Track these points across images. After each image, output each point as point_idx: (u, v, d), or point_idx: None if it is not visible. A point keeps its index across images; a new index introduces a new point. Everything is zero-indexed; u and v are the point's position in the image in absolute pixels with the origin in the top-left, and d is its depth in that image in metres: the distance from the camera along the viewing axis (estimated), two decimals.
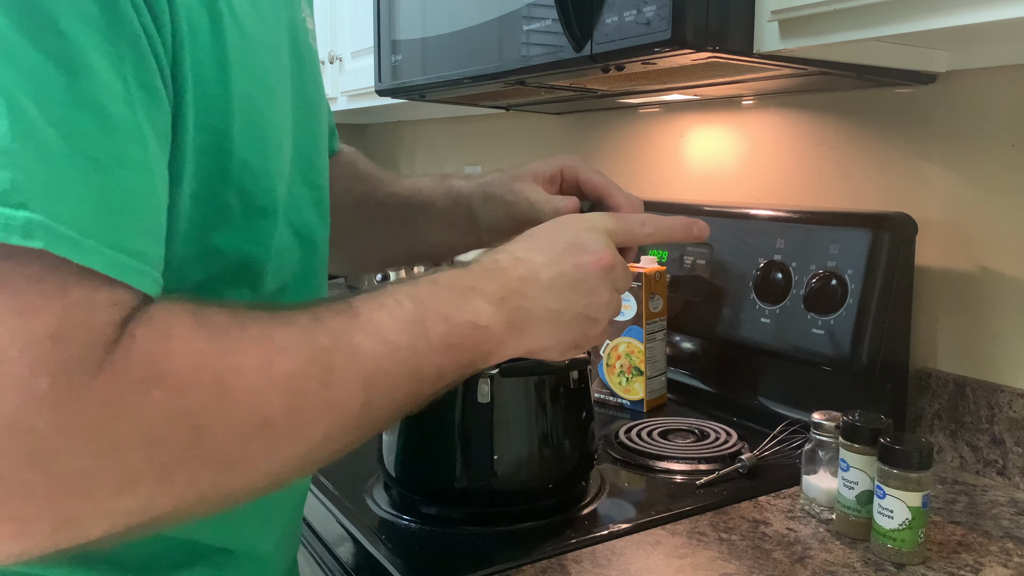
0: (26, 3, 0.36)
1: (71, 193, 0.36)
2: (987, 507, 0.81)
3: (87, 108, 0.37)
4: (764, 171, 1.19)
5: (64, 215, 0.35)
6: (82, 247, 0.36)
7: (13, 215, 0.34)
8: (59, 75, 0.36)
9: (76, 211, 0.36)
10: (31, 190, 0.35)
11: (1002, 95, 0.90)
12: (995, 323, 0.92)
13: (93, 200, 0.37)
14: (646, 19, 0.77)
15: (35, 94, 0.36)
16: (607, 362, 1.13)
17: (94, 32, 0.38)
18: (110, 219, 0.38)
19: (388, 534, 0.74)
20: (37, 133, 0.35)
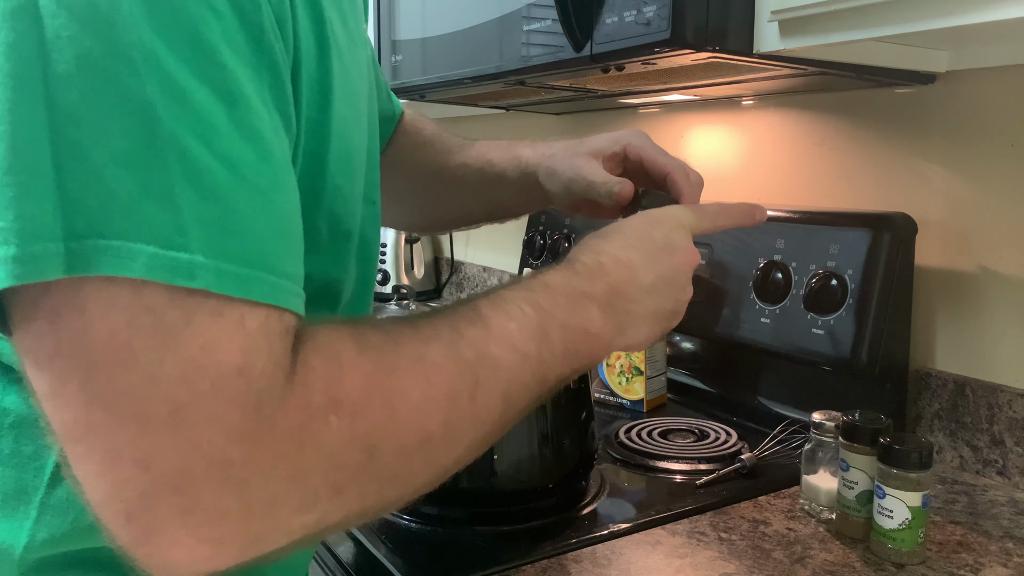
0: (188, 35, 0.36)
1: (235, 226, 0.36)
2: (987, 507, 0.81)
3: (248, 138, 0.37)
4: (764, 171, 1.19)
5: (229, 251, 0.36)
6: (247, 281, 0.37)
7: (177, 258, 0.34)
8: (221, 107, 0.36)
9: (241, 244, 0.37)
10: (193, 231, 0.35)
11: (1002, 95, 0.90)
12: (995, 323, 0.92)
13: (258, 229, 0.37)
14: (646, 19, 0.77)
15: (200, 128, 0.35)
16: (607, 362, 1.13)
17: (245, 62, 0.38)
18: (273, 246, 0.38)
19: (388, 534, 0.74)
20: (202, 170, 0.35)
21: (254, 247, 0.37)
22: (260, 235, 0.37)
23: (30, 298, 0.34)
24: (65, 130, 0.33)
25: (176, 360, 0.34)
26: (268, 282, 0.37)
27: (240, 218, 0.36)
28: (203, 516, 0.35)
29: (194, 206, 0.35)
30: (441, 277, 2.01)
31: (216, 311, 0.36)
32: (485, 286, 1.83)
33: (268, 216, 0.38)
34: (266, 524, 0.37)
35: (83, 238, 0.33)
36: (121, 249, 0.34)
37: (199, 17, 0.36)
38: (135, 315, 0.34)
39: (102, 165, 0.34)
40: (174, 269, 0.34)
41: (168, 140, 0.34)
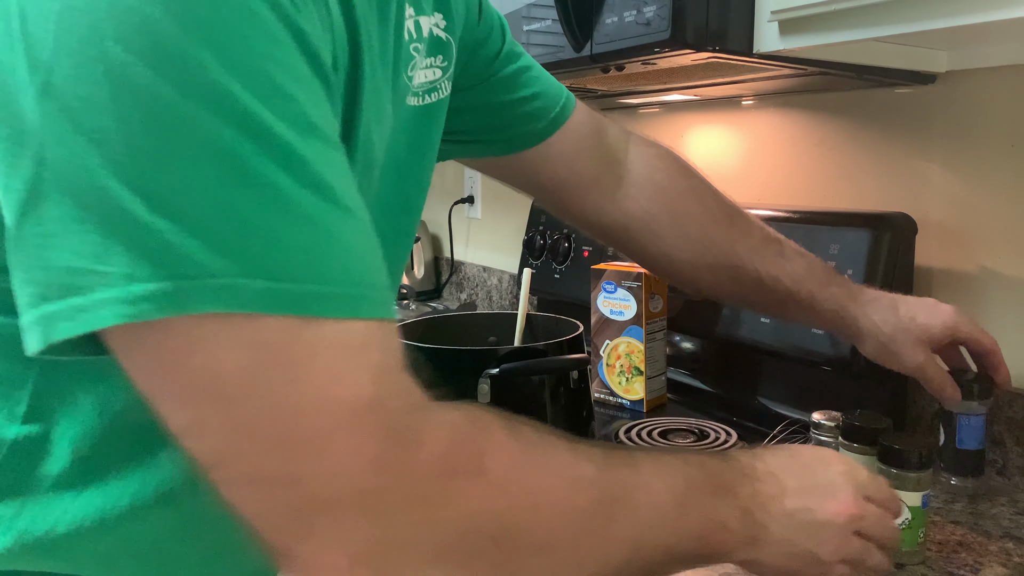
0: (257, 71, 0.36)
1: (335, 249, 0.37)
2: (987, 507, 0.81)
3: (324, 163, 0.38)
4: (764, 171, 1.19)
5: (333, 274, 0.37)
6: (357, 299, 0.37)
7: (287, 290, 0.35)
8: (297, 137, 0.37)
9: (343, 265, 0.37)
10: (298, 261, 0.36)
11: (1002, 95, 0.90)
12: (995, 323, 0.92)
13: (354, 248, 0.38)
14: (646, 19, 0.77)
15: (284, 161, 0.36)
16: (607, 362, 1.13)
17: (308, 90, 0.38)
18: (369, 262, 0.39)
19: None
20: (294, 200, 0.36)
21: (355, 266, 0.38)
22: (358, 254, 0.38)
23: (149, 338, 0.35)
24: (153, 177, 0.34)
25: (310, 392, 0.36)
26: (372, 298, 0.38)
27: (337, 241, 0.37)
28: (347, 538, 0.37)
29: (293, 236, 0.36)
30: (441, 277, 2.01)
31: (336, 341, 0.37)
32: (485, 286, 1.83)
33: (360, 236, 0.39)
34: (398, 562, 0.39)
35: (193, 278, 0.34)
36: (232, 287, 0.34)
37: (264, 52, 0.36)
38: (260, 351, 0.35)
39: (197, 208, 0.34)
40: (287, 300, 0.35)
41: (257, 177, 0.35)
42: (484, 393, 0.72)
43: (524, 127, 0.75)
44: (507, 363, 0.72)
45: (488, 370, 0.72)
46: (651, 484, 0.48)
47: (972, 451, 0.83)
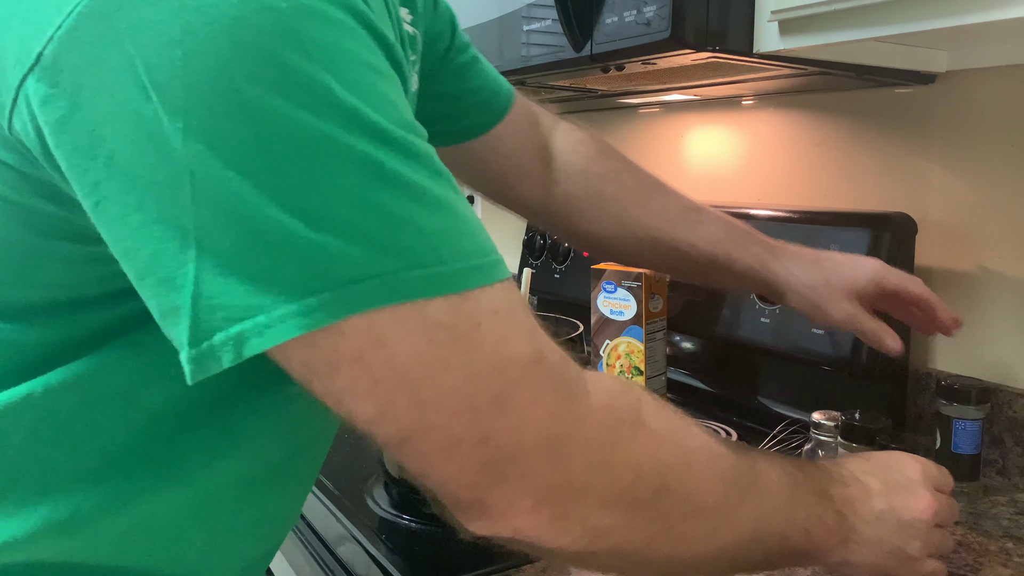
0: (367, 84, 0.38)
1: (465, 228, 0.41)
2: (987, 507, 0.81)
3: (432, 154, 0.41)
4: (764, 171, 1.19)
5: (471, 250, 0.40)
6: (493, 265, 0.41)
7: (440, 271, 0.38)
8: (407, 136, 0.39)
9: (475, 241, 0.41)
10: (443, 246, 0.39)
11: (1002, 95, 0.90)
12: (995, 323, 0.92)
13: (475, 224, 0.42)
14: (646, 19, 0.77)
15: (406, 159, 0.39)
16: (607, 362, 1.13)
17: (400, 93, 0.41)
18: (484, 232, 0.42)
19: (388, 534, 0.74)
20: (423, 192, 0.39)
21: (481, 238, 0.41)
22: (478, 227, 0.42)
23: (326, 344, 0.38)
24: (307, 196, 0.36)
25: (483, 358, 0.39)
26: (499, 262, 0.42)
27: (463, 219, 0.41)
28: (533, 483, 0.41)
29: (433, 224, 0.39)
30: None
31: (490, 308, 0.40)
32: None
33: (470, 208, 0.42)
34: (576, 505, 0.42)
35: (360, 281, 0.37)
36: (395, 281, 0.37)
37: (367, 64, 0.39)
38: (431, 333, 0.38)
39: (349, 216, 0.37)
40: (441, 282, 0.38)
41: (392, 178, 0.38)
42: None
43: (472, 118, 0.79)
44: None
45: None
46: (768, 473, 0.51)
47: (968, 455, 0.83)
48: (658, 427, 0.45)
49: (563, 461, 0.41)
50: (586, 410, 0.42)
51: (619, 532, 0.44)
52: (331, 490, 0.84)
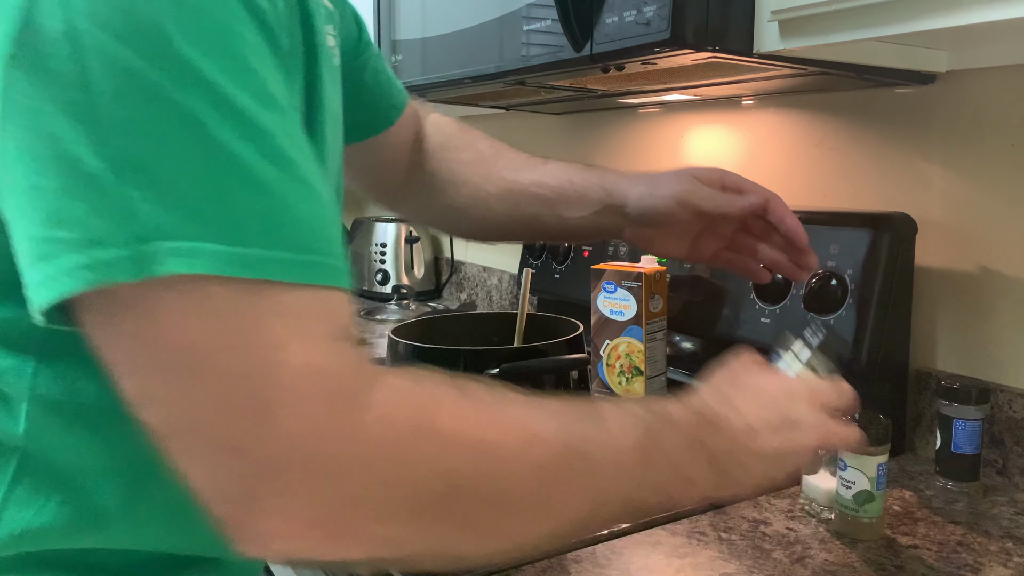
0: (221, 45, 0.37)
1: (290, 218, 0.38)
2: (987, 507, 0.81)
3: (285, 135, 0.39)
4: (764, 171, 1.19)
5: (288, 241, 0.38)
6: (308, 267, 0.38)
7: (244, 254, 0.36)
8: (259, 109, 0.38)
9: (297, 234, 0.39)
10: (254, 226, 0.37)
11: (1002, 95, 0.90)
12: (995, 323, 0.92)
13: (310, 219, 0.39)
14: (646, 19, 0.77)
15: (243, 130, 0.37)
16: (607, 362, 1.13)
17: (268, 65, 0.40)
18: (325, 232, 0.40)
19: None
20: (251, 169, 0.37)
21: (307, 235, 0.39)
22: (312, 224, 0.39)
23: (105, 305, 0.36)
24: (118, 144, 0.35)
25: (253, 360, 0.37)
26: (323, 265, 0.39)
27: (291, 210, 0.38)
28: (295, 502, 0.38)
29: (249, 203, 0.37)
30: (441, 277, 2.01)
31: (281, 310, 0.37)
32: (485, 286, 1.83)
33: (316, 206, 0.40)
34: (350, 522, 0.40)
35: (148, 240, 0.35)
36: (186, 249, 0.35)
37: (227, 27, 0.37)
38: (206, 319, 0.36)
39: (158, 173, 0.35)
40: (239, 263, 0.36)
41: (216, 144, 0.36)
42: None
43: (377, 112, 0.80)
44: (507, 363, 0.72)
45: (488, 370, 0.72)
46: (616, 439, 0.49)
47: (967, 455, 0.83)
48: (452, 428, 0.42)
49: (328, 481, 0.38)
50: (358, 427, 0.39)
51: (406, 540, 0.42)
52: None
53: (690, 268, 1.15)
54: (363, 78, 0.78)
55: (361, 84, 0.77)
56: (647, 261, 1.12)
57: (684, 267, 1.15)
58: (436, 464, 0.41)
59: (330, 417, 0.38)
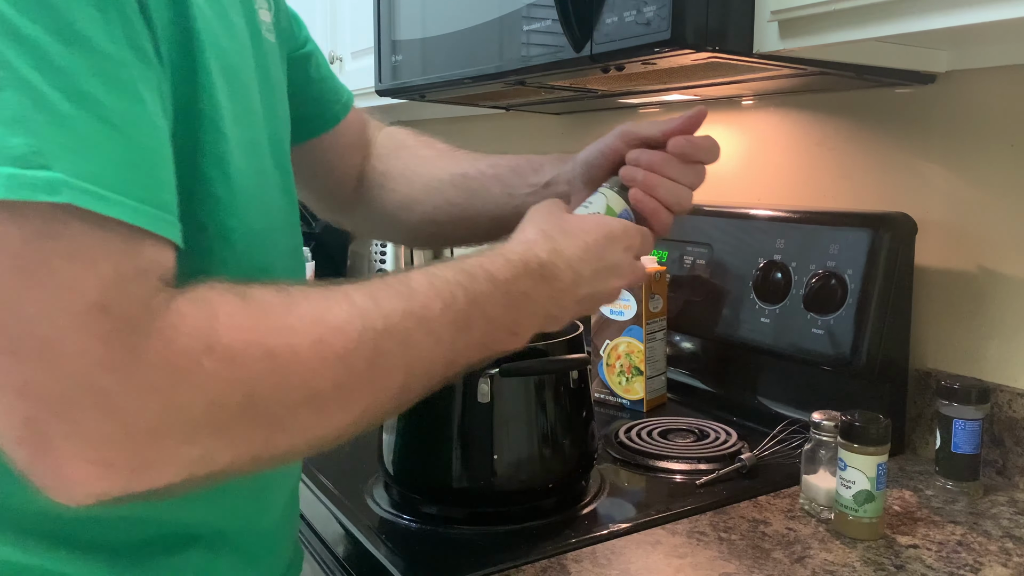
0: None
1: (89, 153, 0.39)
2: (987, 507, 0.81)
3: (90, 73, 0.39)
4: (764, 171, 1.19)
5: (86, 173, 0.38)
6: (108, 201, 0.39)
7: (36, 175, 0.37)
8: (59, 46, 0.39)
9: (97, 169, 0.39)
10: (51, 152, 0.37)
11: (1002, 95, 0.90)
12: (995, 323, 0.92)
13: (111, 157, 0.39)
14: (646, 19, 0.77)
15: (38, 66, 0.38)
16: (607, 362, 1.13)
17: (84, 3, 0.40)
18: (129, 174, 0.40)
19: (388, 534, 0.74)
20: (47, 101, 0.38)
21: (107, 175, 0.39)
22: (113, 163, 0.39)
23: None
24: None
25: (38, 300, 0.37)
26: (124, 205, 0.39)
27: (91, 146, 0.39)
28: (87, 440, 0.38)
29: (46, 132, 0.37)
30: None
31: (70, 249, 0.38)
32: None
33: (118, 146, 0.40)
34: (151, 451, 0.40)
35: None
36: None
37: None
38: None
39: None
40: (34, 186, 0.36)
41: (13, 74, 0.37)
42: (484, 393, 0.73)
43: (321, 107, 0.81)
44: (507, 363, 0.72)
45: (488, 370, 0.73)
46: (425, 310, 0.50)
47: (968, 455, 0.83)
48: (237, 340, 0.42)
49: (117, 416, 0.39)
50: (140, 357, 0.39)
51: (220, 454, 0.43)
52: (331, 490, 0.84)
53: (690, 268, 1.15)
54: (308, 72, 0.80)
55: (307, 77, 0.79)
56: (647, 261, 1.12)
57: (684, 267, 1.15)
58: (227, 378, 0.42)
59: (110, 352, 0.38)
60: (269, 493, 0.62)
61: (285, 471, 0.65)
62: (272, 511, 0.63)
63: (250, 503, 0.60)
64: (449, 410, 0.74)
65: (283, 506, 0.65)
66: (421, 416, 0.76)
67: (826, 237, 0.97)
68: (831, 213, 1.00)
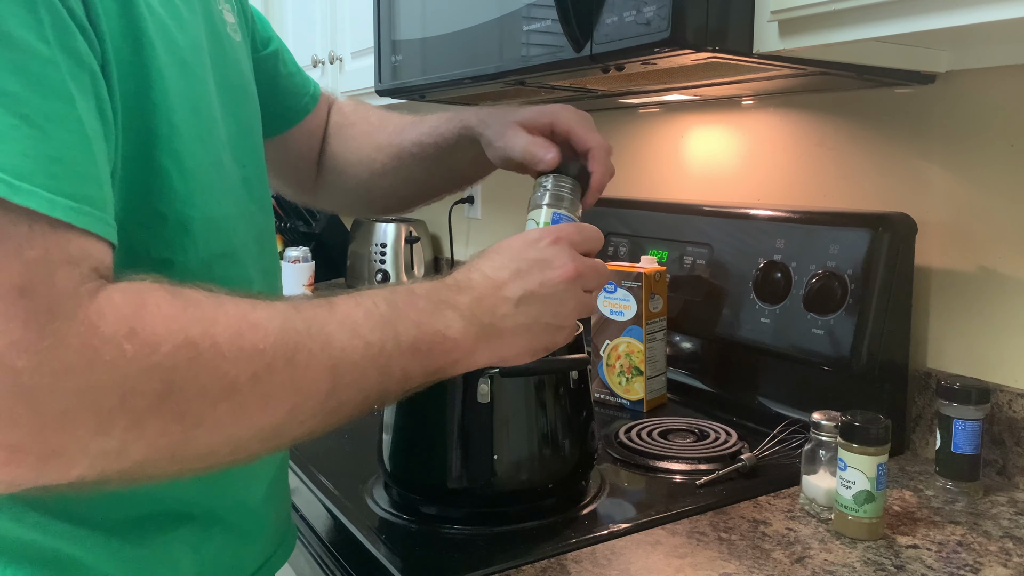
0: None
1: (3, 146, 0.39)
2: (987, 507, 0.81)
3: (10, 71, 0.40)
4: (764, 171, 1.19)
5: (1, 164, 0.39)
6: (20, 190, 0.39)
7: None
8: None
9: (10, 162, 0.39)
10: None
11: (1002, 95, 0.90)
12: (995, 323, 0.92)
13: (27, 152, 0.40)
14: (646, 19, 0.77)
15: None
16: (607, 362, 1.13)
17: (13, 3, 0.41)
18: (46, 167, 0.41)
19: (388, 534, 0.74)
20: None
21: (22, 167, 0.40)
22: (28, 157, 0.40)
23: None
24: None
25: None
26: (37, 195, 0.40)
27: (6, 140, 0.39)
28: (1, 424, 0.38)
29: None
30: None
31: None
32: None
33: (36, 142, 0.41)
34: (62, 438, 0.40)
35: None
36: None
37: None
38: None
39: None
40: None
41: None
42: (484, 393, 0.73)
43: (291, 101, 0.84)
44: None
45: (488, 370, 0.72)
46: (347, 317, 0.51)
47: (968, 455, 0.83)
48: (160, 328, 0.42)
49: (27, 394, 0.39)
50: (58, 340, 0.39)
51: (135, 448, 0.42)
52: (331, 490, 0.84)
53: (690, 268, 1.15)
54: (277, 68, 0.82)
55: (276, 73, 0.82)
56: (647, 261, 1.12)
57: (684, 267, 1.15)
58: (146, 364, 0.41)
59: (27, 333, 0.39)
60: (256, 467, 0.63)
61: None
62: (258, 487, 0.64)
63: (237, 480, 0.61)
64: (449, 410, 0.74)
65: (271, 480, 0.66)
66: (421, 416, 0.76)
67: (826, 237, 0.97)
68: (831, 213, 1.00)
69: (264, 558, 0.66)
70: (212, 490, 0.59)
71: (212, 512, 0.59)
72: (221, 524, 0.60)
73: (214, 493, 0.59)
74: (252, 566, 0.65)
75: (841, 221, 0.97)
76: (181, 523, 0.57)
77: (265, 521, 0.66)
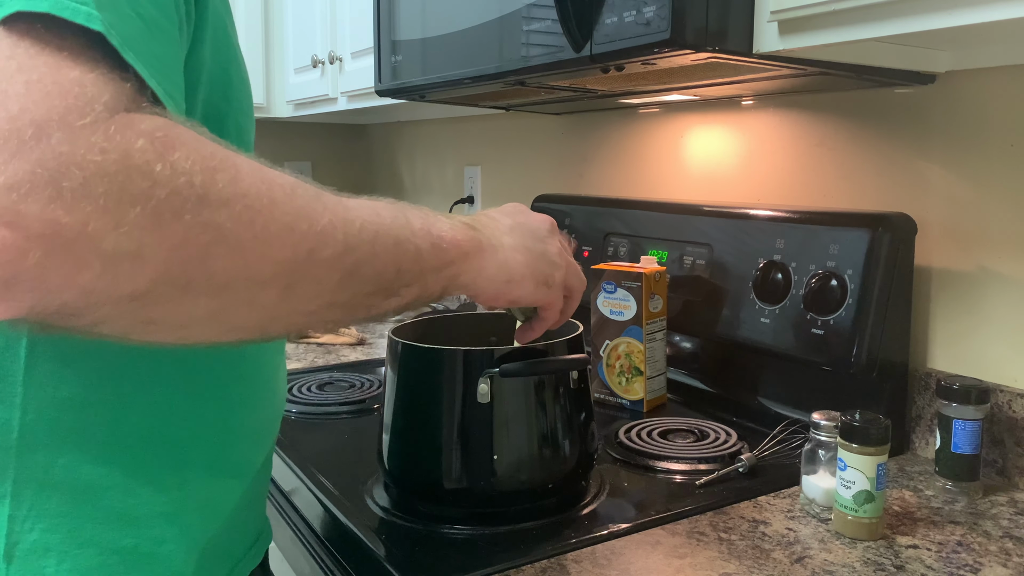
0: None
1: (121, 23, 0.42)
2: (987, 507, 0.81)
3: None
4: (764, 171, 1.19)
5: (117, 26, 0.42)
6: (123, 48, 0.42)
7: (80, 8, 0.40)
8: None
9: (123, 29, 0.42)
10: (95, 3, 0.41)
11: (1002, 95, 0.90)
12: (994, 323, 0.92)
13: (136, 36, 0.43)
14: (646, 19, 0.77)
15: None
16: (607, 362, 1.13)
17: None
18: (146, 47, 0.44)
19: (388, 534, 0.74)
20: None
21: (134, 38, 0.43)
22: (137, 38, 0.43)
23: None
24: None
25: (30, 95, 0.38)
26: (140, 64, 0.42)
27: (123, 18, 0.42)
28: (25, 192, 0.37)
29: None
30: None
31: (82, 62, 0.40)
32: None
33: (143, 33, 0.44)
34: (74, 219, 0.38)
35: None
36: None
37: None
38: None
39: None
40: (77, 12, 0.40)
41: None
42: (484, 393, 0.73)
43: None
44: (507, 363, 0.72)
45: (488, 370, 0.72)
46: (361, 202, 0.52)
47: (967, 455, 0.83)
48: (187, 141, 0.42)
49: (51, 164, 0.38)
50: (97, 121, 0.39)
51: (150, 253, 0.40)
52: (331, 490, 0.84)
53: (690, 268, 1.15)
54: None
55: None
56: (647, 261, 1.12)
57: (684, 267, 1.15)
58: (176, 164, 0.41)
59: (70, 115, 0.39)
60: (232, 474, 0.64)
61: (255, 436, 0.65)
62: (265, 449, 0.66)
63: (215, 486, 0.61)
64: (449, 410, 0.74)
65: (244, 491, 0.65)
66: (421, 416, 0.76)
67: (826, 237, 0.97)
68: (831, 213, 1.00)
69: None
70: None
71: None
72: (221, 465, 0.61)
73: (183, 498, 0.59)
74: None
75: (841, 221, 0.97)
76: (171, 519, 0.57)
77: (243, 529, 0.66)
